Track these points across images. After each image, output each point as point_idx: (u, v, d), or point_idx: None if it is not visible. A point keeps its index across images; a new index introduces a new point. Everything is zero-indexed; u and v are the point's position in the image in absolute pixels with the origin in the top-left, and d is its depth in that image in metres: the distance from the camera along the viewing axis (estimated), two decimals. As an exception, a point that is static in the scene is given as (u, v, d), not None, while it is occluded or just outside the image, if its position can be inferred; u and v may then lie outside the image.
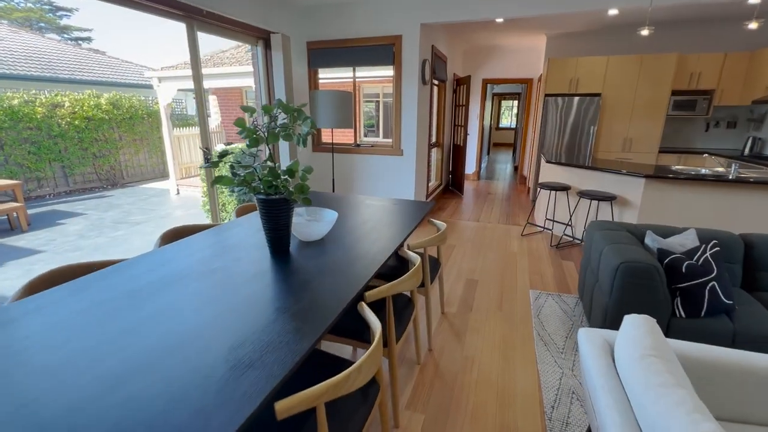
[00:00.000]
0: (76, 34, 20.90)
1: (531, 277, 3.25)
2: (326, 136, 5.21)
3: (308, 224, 1.95)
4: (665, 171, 3.50)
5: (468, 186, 7.33)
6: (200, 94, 3.00)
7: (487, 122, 10.76)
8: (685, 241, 2.24)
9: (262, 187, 1.64)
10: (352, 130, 4.88)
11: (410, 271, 1.61)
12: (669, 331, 1.94)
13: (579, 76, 5.46)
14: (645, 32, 3.36)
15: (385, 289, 1.48)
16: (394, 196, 4.66)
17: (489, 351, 2.24)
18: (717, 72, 5.12)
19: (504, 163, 10.83)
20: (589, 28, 5.52)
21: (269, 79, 3.80)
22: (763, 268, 2.24)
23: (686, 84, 5.27)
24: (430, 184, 5.59)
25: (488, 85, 7.63)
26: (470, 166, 7.88)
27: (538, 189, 4.68)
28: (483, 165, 10.07)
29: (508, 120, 16.10)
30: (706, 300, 1.86)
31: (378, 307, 1.79)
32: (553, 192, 4.36)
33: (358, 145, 4.68)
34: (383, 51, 4.21)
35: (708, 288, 1.87)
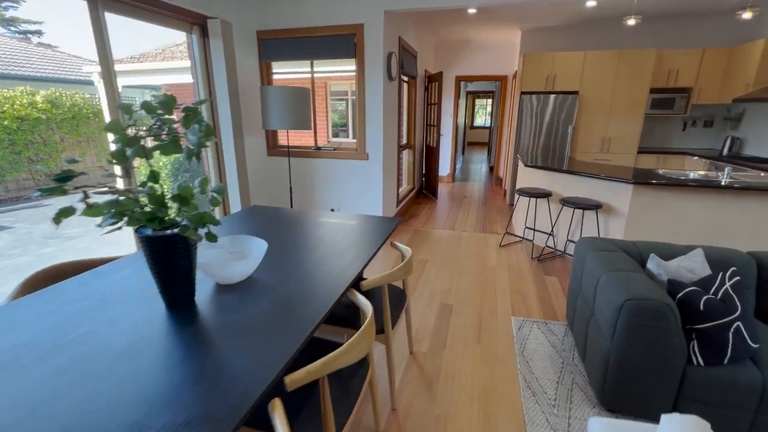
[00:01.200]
0: (24, 26, 19.35)
1: (512, 299, 2.87)
2: (283, 138, 4.69)
3: (226, 262, 1.47)
4: (653, 176, 3.19)
5: (442, 189, 6.96)
6: (111, 92, 2.46)
7: (461, 121, 10.44)
8: (693, 264, 1.89)
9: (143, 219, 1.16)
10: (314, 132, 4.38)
11: (356, 334, 1.16)
12: (684, 383, 1.57)
13: (556, 72, 5.16)
14: (632, 21, 3.05)
15: (316, 368, 1.03)
16: (360, 204, 4.19)
17: (466, 406, 1.82)
18: (695, 69, 4.93)
19: (479, 163, 10.55)
20: (566, 22, 5.22)
21: (209, 72, 3.25)
22: (781, 294, 1.93)
23: (664, 81, 5.06)
24: (401, 189, 5.16)
25: (461, 82, 7.27)
26: (444, 168, 7.51)
27: (517, 196, 4.33)
28: (458, 166, 9.75)
29: (482, 119, 15.91)
30: (730, 345, 1.51)
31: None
32: (532, 199, 4.01)
33: (319, 149, 4.18)
34: (343, 42, 3.73)
35: (732, 330, 1.51)
